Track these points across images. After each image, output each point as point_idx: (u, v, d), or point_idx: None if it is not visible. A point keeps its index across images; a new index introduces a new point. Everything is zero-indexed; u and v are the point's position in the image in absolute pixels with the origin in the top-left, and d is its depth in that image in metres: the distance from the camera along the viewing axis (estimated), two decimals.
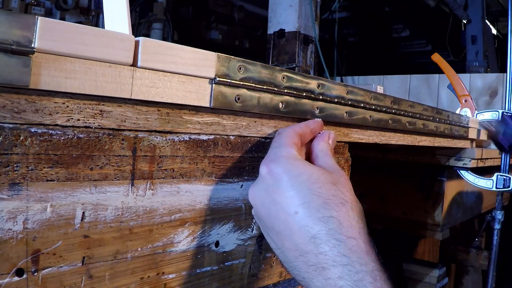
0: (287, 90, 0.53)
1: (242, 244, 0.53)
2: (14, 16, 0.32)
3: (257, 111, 0.51)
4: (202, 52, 0.44)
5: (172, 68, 0.42)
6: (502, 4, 3.56)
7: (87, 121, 0.38)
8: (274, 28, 2.54)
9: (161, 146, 0.43)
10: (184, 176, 0.46)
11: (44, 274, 0.36)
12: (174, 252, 0.46)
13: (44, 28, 0.33)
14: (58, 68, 0.34)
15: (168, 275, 0.46)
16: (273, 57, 2.55)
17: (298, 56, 2.47)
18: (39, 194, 0.35)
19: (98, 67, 0.37)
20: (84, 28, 0.35)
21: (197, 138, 0.47)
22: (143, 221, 0.43)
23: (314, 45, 2.54)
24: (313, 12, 2.49)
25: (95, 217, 0.39)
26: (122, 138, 0.40)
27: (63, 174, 0.37)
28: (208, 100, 0.45)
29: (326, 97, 0.59)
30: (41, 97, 0.35)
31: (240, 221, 0.53)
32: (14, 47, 0.31)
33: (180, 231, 0.46)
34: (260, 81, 0.50)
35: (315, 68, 2.60)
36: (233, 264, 0.53)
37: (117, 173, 0.40)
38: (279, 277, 0.60)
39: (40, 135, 0.35)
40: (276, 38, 2.52)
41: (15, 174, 0.34)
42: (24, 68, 0.32)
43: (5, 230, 0.34)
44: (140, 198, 0.42)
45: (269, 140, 0.55)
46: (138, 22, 3.44)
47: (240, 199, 0.52)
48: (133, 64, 0.39)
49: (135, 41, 0.39)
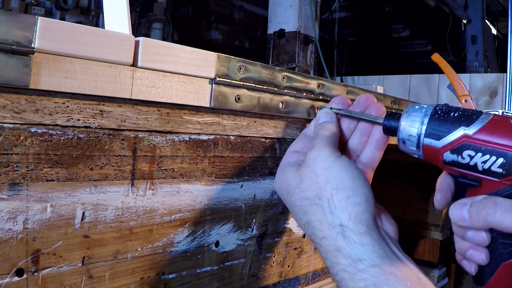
0: (287, 90, 0.53)
1: (242, 244, 0.53)
2: (14, 16, 0.32)
3: (257, 111, 0.51)
4: (202, 52, 0.44)
5: (172, 68, 0.42)
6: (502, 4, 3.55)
7: (87, 121, 0.38)
8: (274, 28, 2.54)
9: (161, 146, 0.43)
10: (184, 176, 0.46)
11: (44, 274, 0.36)
12: (174, 252, 0.46)
13: (44, 28, 0.33)
14: (58, 68, 0.34)
15: (168, 275, 0.45)
16: (273, 57, 2.54)
17: (298, 56, 2.47)
18: (39, 194, 0.35)
19: (98, 67, 0.37)
20: (84, 28, 0.35)
21: (197, 138, 0.47)
22: (143, 221, 0.43)
23: (314, 45, 2.54)
24: (313, 12, 2.49)
25: (95, 217, 0.39)
26: (122, 138, 0.40)
27: (63, 174, 0.37)
28: (208, 100, 0.45)
29: (326, 97, 0.59)
30: (41, 97, 0.35)
31: (240, 221, 0.53)
32: (14, 47, 0.31)
33: (180, 231, 0.46)
34: (260, 81, 0.50)
35: (315, 68, 2.60)
36: (233, 264, 0.53)
37: (117, 173, 0.40)
38: (279, 277, 0.60)
39: (40, 135, 0.35)
40: (276, 38, 2.52)
41: (15, 174, 0.34)
42: (24, 68, 0.32)
43: (5, 230, 0.34)
44: (140, 198, 0.42)
45: (269, 140, 0.55)
46: (138, 22, 3.44)
47: (240, 199, 0.52)
48: (133, 64, 0.39)
49: (135, 41, 0.39)
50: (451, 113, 0.45)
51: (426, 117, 0.46)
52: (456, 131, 0.44)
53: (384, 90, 2.04)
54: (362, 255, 0.41)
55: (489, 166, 0.42)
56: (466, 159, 0.44)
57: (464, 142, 0.43)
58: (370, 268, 0.40)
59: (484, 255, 0.44)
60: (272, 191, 0.57)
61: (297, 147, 0.53)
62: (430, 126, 0.46)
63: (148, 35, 3.34)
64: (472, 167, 0.44)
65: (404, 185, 1.36)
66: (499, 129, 0.42)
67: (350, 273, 0.41)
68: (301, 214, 0.47)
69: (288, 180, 0.49)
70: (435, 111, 0.46)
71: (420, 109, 0.47)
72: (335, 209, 0.44)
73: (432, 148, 0.46)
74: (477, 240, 0.44)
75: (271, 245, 0.58)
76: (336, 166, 0.46)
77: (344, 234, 0.43)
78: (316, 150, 0.47)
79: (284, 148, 0.57)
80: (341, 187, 0.44)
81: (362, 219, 0.43)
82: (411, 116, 0.47)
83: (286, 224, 0.60)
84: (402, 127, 0.48)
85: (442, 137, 0.45)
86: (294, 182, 0.48)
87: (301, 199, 0.47)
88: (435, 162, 0.46)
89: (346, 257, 0.42)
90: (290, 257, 0.61)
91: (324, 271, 0.68)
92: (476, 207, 0.43)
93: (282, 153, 0.57)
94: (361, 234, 0.42)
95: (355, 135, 0.54)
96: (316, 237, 0.45)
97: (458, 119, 0.44)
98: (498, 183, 0.43)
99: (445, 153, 0.45)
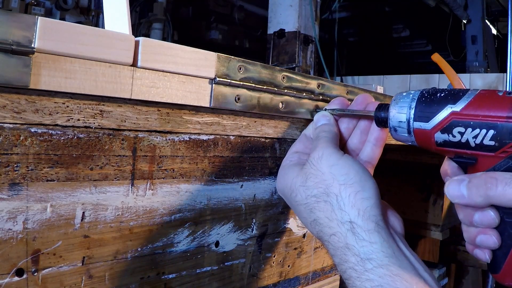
0: (287, 90, 0.53)
1: (242, 244, 0.53)
2: (14, 16, 0.32)
3: (257, 111, 0.51)
4: (202, 52, 0.44)
5: (172, 68, 0.42)
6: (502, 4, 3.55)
7: (87, 121, 0.38)
8: (274, 28, 2.54)
9: (161, 146, 0.43)
10: (184, 176, 0.46)
11: (44, 274, 0.36)
12: (174, 252, 0.46)
13: (44, 28, 0.33)
14: (58, 68, 0.34)
15: (168, 275, 0.45)
16: (273, 57, 2.54)
17: (298, 56, 2.47)
18: (39, 194, 0.35)
19: (98, 67, 0.37)
20: (84, 28, 0.35)
21: (197, 138, 0.47)
22: (143, 221, 0.43)
23: (314, 45, 2.54)
24: (313, 12, 2.49)
25: (95, 217, 0.39)
26: (122, 138, 0.40)
27: (63, 174, 0.37)
28: (208, 100, 0.45)
29: (326, 97, 0.59)
30: (41, 97, 0.35)
31: (240, 221, 0.53)
32: (14, 47, 0.31)
33: (180, 231, 0.46)
34: (260, 81, 0.50)
35: (315, 68, 2.60)
36: (233, 264, 0.53)
37: (117, 173, 0.40)
38: (279, 277, 0.60)
39: (40, 135, 0.35)
40: (276, 38, 2.52)
41: (15, 174, 0.34)
42: (24, 68, 0.32)
43: (5, 230, 0.34)
44: (140, 198, 0.42)
45: (269, 140, 0.55)
46: (138, 22, 3.44)
47: (240, 199, 0.52)
48: (133, 64, 0.39)
49: (135, 41, 0.39)
50: (437, 94, 0.45)
51: (414, 101, 0.46)
52: (443, 110, 0.44)
53: (384, 90, 2.04)
54: (371, 254, 0.41)
55: (481, 140, 0.42)
56: (457, 137, 0.43)
57: (452, 119, 0.43)
58: (377, 268, 0.41)
59: (495, 238, 0.43)
60: (272, 191, 0.57)
61: (298, 148, 0.54)
62: (418, 109, 0.46)
63: (148, 35, 3.34)
64: (465, 145, 0.43)
65: (404, 185, 1.36)
66: (487, 102, 0.42)
67: (358, 272, 0.42)
68: (307, 212, 0.47)
69: (291, 180, 0.49)
70: (421, 95, 0.46)
71: (408, 95, 0.47)
72: (344, 205, 0.44)
73: (423, 131, 0.45)
74: (486, 221, 0.43)
75: (271, 245, 0.58)
76: (342, 162, 0.46)
77: (353, 231, 0.43)
78: (320, 149, 0.48)
79: (284, 148, 0.57)
80: (349, 183, 0.45)
81: (371, 215, 0.43)
82: (399, 103, 0.47)
83: (286, 224, 0.60)
84: (391, 114, 0.48)
85: (430, 118, 0.45)
86: (298, 181, 0.48)
87: (306, 197, 0.47)
88: (428, 146, 0.46)
89: (355, 255, 0.42)
90: (290, 257, 0.61)
91: (324, 271, 0.68)
92: (475, 182, 0.42)
93: (282, 153, 0.57)
94: (370, 231, 0.43)
95: (355, 134, 0.55)
96: (324, 234, 0.46)
97: (445, 98, 0.44)
98: (493, 157, 0.42)
99: (435, 134, 0.44)
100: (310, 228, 0.48)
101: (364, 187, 0.45)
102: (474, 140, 0.42)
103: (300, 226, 0.62)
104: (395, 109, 0.47)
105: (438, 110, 0.44)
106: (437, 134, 0.44)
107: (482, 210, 0.43)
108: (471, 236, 0.45)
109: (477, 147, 0.42)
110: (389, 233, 0.44)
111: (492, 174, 0.41)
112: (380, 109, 0.50)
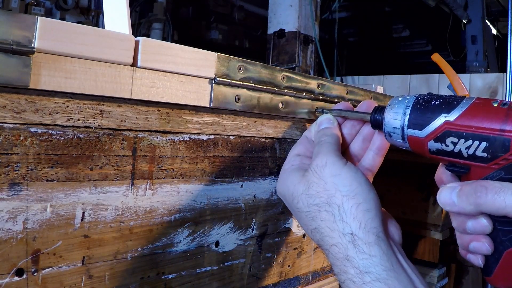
0: (287, 90, 0.53)
1: (242, 244, 0.53)
2: (14, 16, 0.32)
3: (257, 111, 0.51)
4: (202, 52, 0.44)
5: (172, 68, 0.42)
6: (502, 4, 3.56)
7: (87, 121, 0.38)
8: (274, 28, 2.54)
9: (161, 146, 0.43)
10: (184, 176, 0.46)
11: (44, 274, 0.36)
12: (174, 252, 0.46)
13: (44, 28, 0.33)
14: (58, 68, 0.34)
15: (168, 275, 0.45)
16: (273, 57, 2.54)
17: (298, 56, 2.47)
18: (39, 194, 0.35)
19: (98, 67, 0.37)
20: (84, 28, 0.35)
21: (197, 138, 0.47)
22: (143, 221, 0.43)
23: (314, 45, 2.54)
24: (313, 12, 2.49)
25: (95, 217, 0.39)
26: (122, 138, 0.40)
27: (63, 174, 0.37)
28: (208, 100, 0.45)
29: (326, 97, 0.59)
30: (41, 97, 0.35)
31: (240, 221, 0.53)
32: (14, 47, 0.31)
33: (180, 231, 0.46)
34: (260, 81, 0.50)
35: (315, 68, 2.60)
36: (233, 264, 0.53)
37: (117, 173, 0.40)
38: (279, 277, 0.60)
39: (40, 135, 0.35)
40: (276, 38, 2.52)
41: (15, 174, 0.34)
42: (24, 68, 0.32)
43: (5, 230, 0.34)
44: (140, 198, 0.42)
45: (269, 140, 0.55)
46: (138, 22, 3.44)
47: (240, 199, 0.52)
48: (133, 64, 0.39)
49: (135, 41, 0.39)
50: (432, 101, 0.45)
51: (408, 108, 0.46)
52: (437, 119, 0.43)
53: (384, 90, 2.04)
54: (370, 267, 0.42)
55: (474, 152, 0.42)
56: (450, 147, 0.43)
57: (446, 129, 0.43)
58: (375, 281, 0.41)
59: (488, 244, 0.44)
60: (272, 191, 0.57)
61: (300, 151, 0.53)
62: (412, 116, 0.45)
63: (148, 35, 3.34)
64: (458, 154, 0.43)
65: (404, 185, 1.36)
66: (480, 113, 0.42)
67: (356, 284, 0.42)
68: (309, 220, 0.47)
69: (294, 186, 0.49)
70: (416, 101, 0.46)
71: (403, 100, 0.47)
72: (346, 216, 0.44)
73: (417, 138, 0.45)
74: (479, 228, 0.43)
75: (271, 245, 0.58)
76: (344, 172, 0.46)
77: (354, 243, 0.43)
78: (323, 157, 0.48)
79: (284, 148, 0.57)
80: (351, 194, 0.45)
81: (371, 227, 0.44)
82: (394, 109, 0.47)
83: (286, 224, 0.60)
84: (386, 120, 0.48)
85: (424, 126, 0.44)
86: (300, 188, 0.48)
87: (308, 205, 0.47)
88: (422, 153, 0.46)
89: (355, 267, 0.42)
90: (290, 257, 0.61)
91: (324, 271, 0.68)
92: (466, 190, 0.42)
93: (282, 153, 0.57)
94: (371, 244, 0.43)
95: (357, 140, 0.55)
96: (325, 243, 0.46)
97: (439, 106, 0.44)
98: (486, 168, 0.42)
99: (429, 143, 0.44)
100: (310, 235, 0.48)
101: (366, 199, 0.45)
102: (466, 150, 0.42)
103: (300, 226, 0.62)
104: (390, 115, 0.47)
105: (432, 118, 0.44)
106: (431, 143, 0.44)
107: (475, 218, 0.43)
108: (464, 243, 0.46)
109: (469, 157, 0.42)
110: (389, 244, 0.44)
111: (482, 182, 0.41)
112: (376, 112, 0.50)
